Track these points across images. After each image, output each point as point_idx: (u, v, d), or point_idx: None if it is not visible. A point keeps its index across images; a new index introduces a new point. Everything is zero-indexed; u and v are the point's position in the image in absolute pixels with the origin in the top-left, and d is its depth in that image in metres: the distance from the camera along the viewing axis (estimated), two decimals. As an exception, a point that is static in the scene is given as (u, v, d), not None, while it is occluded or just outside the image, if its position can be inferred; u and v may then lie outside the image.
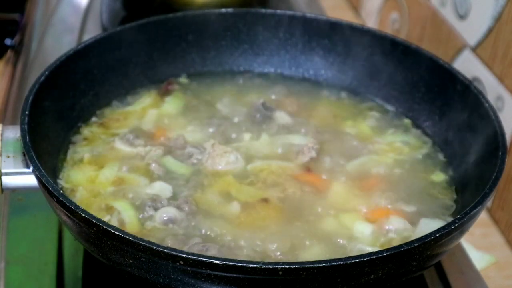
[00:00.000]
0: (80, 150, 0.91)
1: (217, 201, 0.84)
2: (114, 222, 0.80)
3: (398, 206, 0.86)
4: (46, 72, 0.87)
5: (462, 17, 1.13)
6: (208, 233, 0.80)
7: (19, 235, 0.92)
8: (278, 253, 0.77)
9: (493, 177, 0.77)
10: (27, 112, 0.81)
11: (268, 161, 0.91)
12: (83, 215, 0.68)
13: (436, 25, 1.21)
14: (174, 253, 0.65)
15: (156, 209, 0.82)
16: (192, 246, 0.76)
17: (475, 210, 0.73)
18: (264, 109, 0.99)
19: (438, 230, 0.70)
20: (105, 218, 0.80)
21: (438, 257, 0.75)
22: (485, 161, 0.84)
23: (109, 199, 0.84)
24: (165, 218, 0.81)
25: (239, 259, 0.65)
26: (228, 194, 0.85)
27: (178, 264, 0.65)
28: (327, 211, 0.84)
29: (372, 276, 0.68)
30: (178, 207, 0.82)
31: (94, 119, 0.96)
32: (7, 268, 0.87)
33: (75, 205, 0.69)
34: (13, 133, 0.81)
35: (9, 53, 1.36)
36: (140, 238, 0.66)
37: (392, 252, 0.67)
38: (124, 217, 0.81)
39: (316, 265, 0.65)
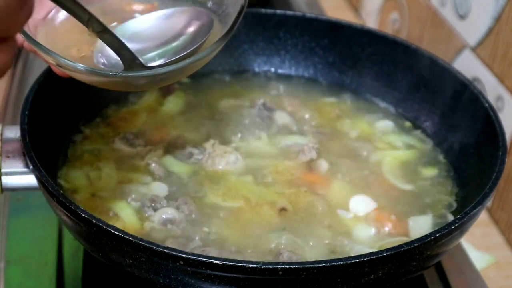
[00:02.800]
0: (80, 150, 0.91)
1: (217, 202, 0.84)
2: (113, 222, 0.80)
3: (398, 206, 0.86)
4: (46, 72, 0.87)
5: (462, 17, 1.12)
6: (208, 234, 0.80)
7: (19, 235, 0.92)
8: (279, 254, 0.77)
9: (493, 177, 0.77)
10: (27, 112, 0.81)
11: (269, 161, 0.91)
12: (83, 215, 0.68)
13: (436, 25, 1.21)
14: (174, 253, 0.64)
15: (155, 210, 0.82)
16: (192, 250, 0.76)
17: (475, 210, 0.73)
18: (264, 109, 0.99)
19: (438, 230, 0.70)
20: (105, 218, 0.80)
21: (438, 257, 0.75)
22: (485, 161, 0.84)
23: (109, 199, 0.83)
24: (165, 219, 0.81)
25: (239, 259, 0.65)
26: (228, 194, 0.85)
27: (178, 264, 0.65)
28: (327, 211, 0.84)
29: (372, 276, 0.68)
30: (178, 208, 0.82)
31: (98, 119, 0.96)
32: (7, 268, 0.87)
33: (75, 205, 0.69)
34: (13, 133, 0.81)
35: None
36: (140, 238, 0.66)
37: (392, 252, 0.67)
38: (123, 217, 0.81)
39: (316, 265, 0.65)
